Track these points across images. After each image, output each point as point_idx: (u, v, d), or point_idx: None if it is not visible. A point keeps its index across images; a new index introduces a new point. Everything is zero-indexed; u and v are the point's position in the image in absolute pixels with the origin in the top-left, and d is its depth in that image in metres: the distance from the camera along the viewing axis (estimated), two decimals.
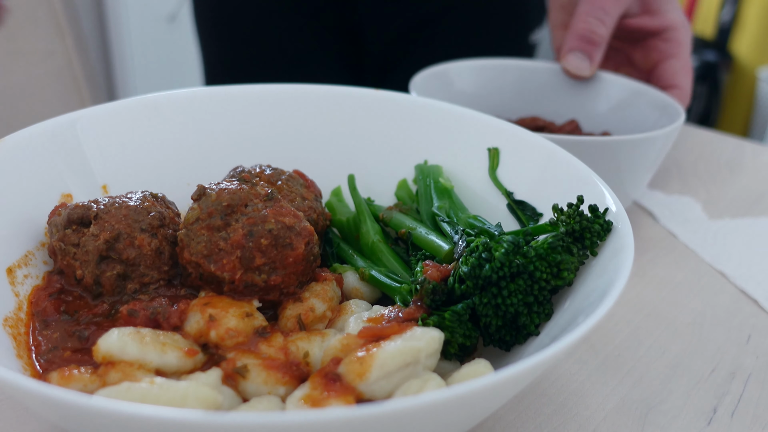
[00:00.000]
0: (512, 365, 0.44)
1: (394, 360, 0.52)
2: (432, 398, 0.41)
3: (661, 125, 0.97)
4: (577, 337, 0.46)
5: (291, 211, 0.62)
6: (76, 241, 0.62)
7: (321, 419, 0.39)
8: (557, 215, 0.63)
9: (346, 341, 0.55)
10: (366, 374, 0.51)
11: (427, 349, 0.54)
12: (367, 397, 0.52)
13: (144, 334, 0.55)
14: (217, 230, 0.60)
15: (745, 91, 3.43)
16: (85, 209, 0.63)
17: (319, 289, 0.63)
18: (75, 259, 0.62)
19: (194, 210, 0.62)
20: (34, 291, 0.62)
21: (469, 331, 0.59)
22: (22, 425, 0.59)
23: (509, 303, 0.58)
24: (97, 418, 0.41)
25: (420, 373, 0.54)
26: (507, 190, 0.74)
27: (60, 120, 0.71)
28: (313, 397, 0.51)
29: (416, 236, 0.70)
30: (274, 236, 0.60)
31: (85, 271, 0.61)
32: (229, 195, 0.61)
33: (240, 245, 0.59)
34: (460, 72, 1.10)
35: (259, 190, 0.63)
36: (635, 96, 1.06)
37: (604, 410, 0.66)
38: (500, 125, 0.77)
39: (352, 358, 0.53)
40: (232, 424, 0.39)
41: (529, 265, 0.58)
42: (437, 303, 0.60)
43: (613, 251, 0.59)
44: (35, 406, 0.46)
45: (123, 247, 0.62)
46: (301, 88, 0.83)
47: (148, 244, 0.62)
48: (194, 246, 0.60)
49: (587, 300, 0.56)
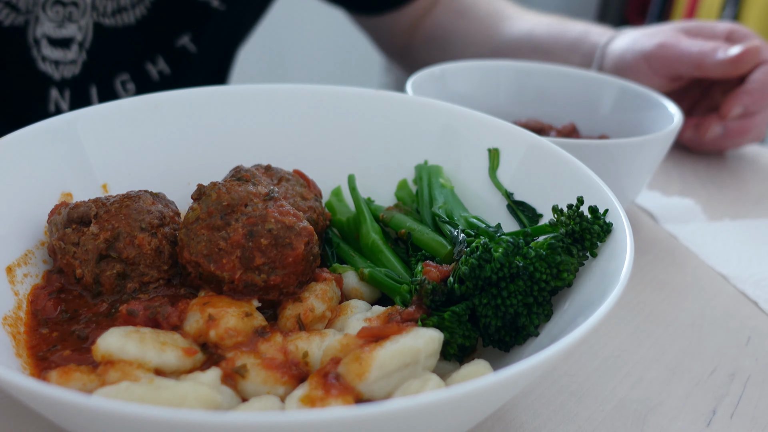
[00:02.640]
0: (512, 366, 0.44)
1: (393, 360, 0.52)
2: (432, 398, 0.41)
3: (658, 128, 0.97)
4: (576, 339, 0.46)
5: (291, 211, 0.62)
6: (75, 240, 0.62)
7: (321, 419, 0.39)
8: (557, 216, 0.63)
9: (346, 341, 0.55)
10: (365, 374, 0.51)
11: (426, 350, 0.54)
12: (367, 397, 0.52)
13: (143, 333, 0.55)
14: (217, 230, 0.60)
15: None
16: (86, 208, 0.63)
17: (319, 289, 0.63)
18: (75, 258, 0.62)
19: (194, 210, 0.62)
20: (33, 290, 0.62)
21: (468, 331, 0.59)
22: (22, 425, 0.59)
23: (509, 304, 0.58)
24: (95, 418, 0.41)
25: (419, 373, 0.54)
26: (507, 191, 0.74)
27: (61, 119, 0.71)
28: (313, 396, 0.51)
29: (416, 236, 0.70)
30: (274, 236, 0.60)
31: (84, 270, 0.61)
32: (229, 195, 0.61)
33: (240, 245, 0.59)
34: (457, 73, 1.10)
35: (260, 189, 0.63)
36: (632, 98, 1.06)
37: (603, 411, 0.66)
38: (501, 125, 0.77)
39: (351, 358, 0.53)
40: (232, 423, 0.39)
41: (529, 266, 0.58)
42: (437, 303, 0.60)
43: (613, 253, 0.59)
44: (35, 405, 0.46)
45: (123, 246, 0.62)
46: (302, 88, 0.83)
47: (148, 243, 0.62)
48: (194, 246, 0.60)
49: (587, 301, 0.56)
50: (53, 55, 1.09)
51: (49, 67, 1.10)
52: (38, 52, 1.08)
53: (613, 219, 0.61)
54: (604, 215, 0.61)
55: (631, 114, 1.06)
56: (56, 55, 1.09)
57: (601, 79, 1.10)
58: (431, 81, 1.05)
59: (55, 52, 1.09)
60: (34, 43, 1.07)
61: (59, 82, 1.12)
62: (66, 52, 1.09)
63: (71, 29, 1.09)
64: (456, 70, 1.10)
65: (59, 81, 1.12)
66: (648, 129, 1.00)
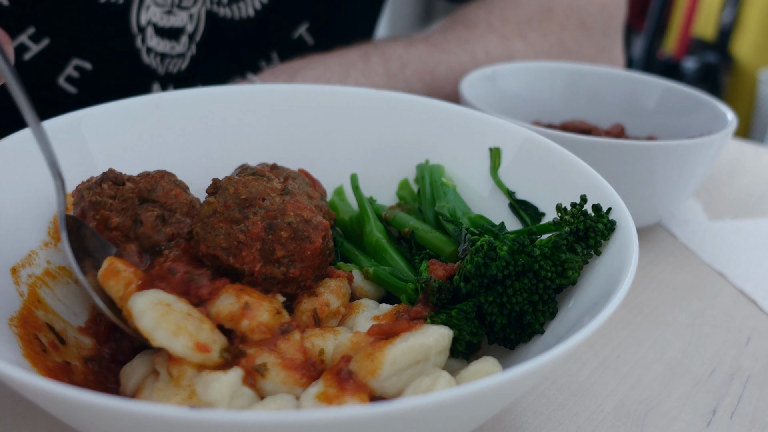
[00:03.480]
0: (528, 361, 0.44)
1: (404, 357, 0.53)
2: (452, 394, 0.41)
3: (709, 131, 0.94)
4: (591, 331, 0.47)
5: (307, 206, 0.63)
6: (113, 194, 0.63)
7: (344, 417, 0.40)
8: (561, 215, 0.63)
9: (356, 339, 0.56)
10: (377, 371, 0.52)
11: (436, 347, 0.55)
12: (378, 394, 0.53)
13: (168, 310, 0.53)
14: (235, 223, 0.60)
15: (746, 92, 3.43)
16: (118, 173, 0.65)
17: (334, 284, 0.63)
18: (110, 210, 0.62)
19: (211, 203, 0.62)
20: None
21: (475, 328, 0.60)
22: (22, 425, 0.59)
23: (514, 301, 0.58)
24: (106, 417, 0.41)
25: (430, 370, 0.54)
26: (509, 190, 0.74)
27: (63, 119, 0.71)
28: (328, 394, 0.51)
29: (420, 235, 0.70)
30: (294, 229, 0.60)
31: (123, 217, 0.62)
32: (247, 188, 0.62)
33: (260, 238, 0.59)
34: (508, 74, 1.10)
35: (275, 184, 0.64)
36: (687, 103, 1.05)
37: (603, 411, 0.66)
38: (501, 125, 0.77)
39: (363, 356, 0.53)
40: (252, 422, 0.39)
41: (534, 264, 0.58)
42: (443, 301, 0.61)
43: (617, 250, 0.59)
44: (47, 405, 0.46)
45: (161, 194, 0.63)
46: (304, 88, 0.83)
47: (183, 194, 0.65)
48: (211, 239, 0.60)
49: (592, 299, 0.56)
50: (159, 47, 0.99)
51: (153, 60, 1.00)
52: (143, 42, 0.97)
53: (617, 217, 0.61)
54: (608, 213, 0.61)
55: (685, 117, 1.04)
56: (163, 47, 0.99)
57: (656, 82, 1.09)
58: (483, 81, 1.05)
59: (161, 44, 0.98)
60: (139, 32, 0.96)
61: (163, 77, 1.02)
62: (174, 45, 0.99)
63: (181, 18, 0.97)
64: (507, 71, 1.10)
65: (163, 76, 1.02)
66: (699, 132, 0.99)
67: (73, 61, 0.98)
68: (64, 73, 0.98)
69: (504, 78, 1.10)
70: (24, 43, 0.95)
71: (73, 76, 0.99)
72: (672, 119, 1.06)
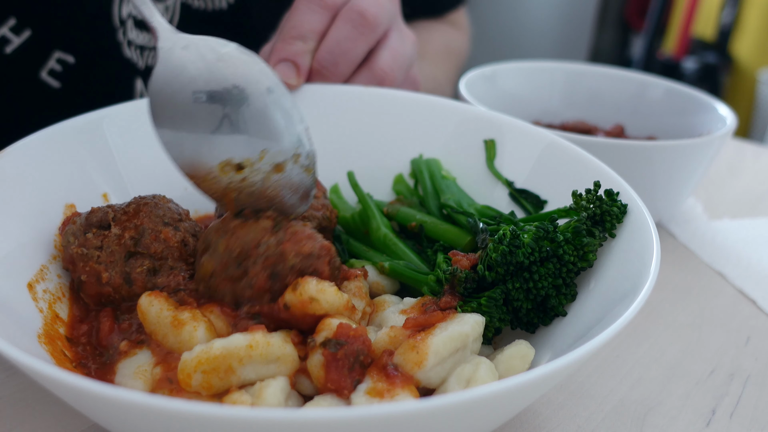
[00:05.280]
0: (584, 344, 0.46)
1: (446, 346, 0.54)
2: (521, 380, 0.43)
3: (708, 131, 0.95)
4: (640, 307, 0.50)
5: (304, 235, 0.59)
6: (98, 244, 0.60)
7: (430, 407, 0.40)
8: (576, 200, 0.65)
9: (394, 333, 0.56)
10: (423, 362, 0.53)
11: (473, 334, 0.56)
12: (423, 385, 0.54)
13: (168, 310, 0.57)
14: (237, 280, 0.58)
15: (746, 92, 3.43)
16: (103, 213, 0.62)
17: (353, 287, 0.63)
18: (99, 263, 0.60)
19: (206, 265, 0.60)
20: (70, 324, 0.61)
21: (503, 314, 0.62)
22: (23, 424, 0.59)
23: (540, 286, 0.61)
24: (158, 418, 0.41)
25: (468, 357, 0.56)
26: (507, 180, 0.75)
27: (85, 118, 0.72)
28: (378, 389, 0.52)
29: (429, 228, 0.71)
30: (298, 270, 0.58)
31: (112, 272, 0.60)
32: (238, 240, 0.59)
33: (266, 289, 0.57)
34: (508, 73, 1.10)
35: (264, 223, 0.60)
36: (687, 103, 1.05)
37: (602, 411, 0.66)
38: (492, 117, 0.78)
39: (406, 348, 0.54)
40: (317, 420, 0.39)
41: (558, 249, 0.61)
42: (469, 290, 0.63)
43: (632, 232, 0.61)
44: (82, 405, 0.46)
45: (149, 242, 0.61)
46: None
47: (173, 236, 0.62)
48: (220, 299, 0.59)
49: (615, 279, 0.59)
50: (138, 40, 0.97)
51: (134, 53, 0.98)
52: (124, 35, 0.95)
53: (627, 200, 0.64)
54: (617, 197, 0.64)
55: (685, 117, 1.05)
56: (141, 40, 0.97)
57: (649, 81, 1.09)
58: (482, 81, 1.05)
59: (140, 36, 0.97)
60: (120, 25, 0.95)
61: (143, 71, 1.01)
62: (150, 36, 0.96)
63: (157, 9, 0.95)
64: (507, 71, 1.10)
65: (143, 70, 1.01)
66: (698, 133, 0.99)
67: (55, 54, 0.97)
68: (46, 67, 0.97)
69: (504, 78, 1.10)
70: (5, 36, 0.94)
71: (56, 70, 0.98)
72: (672, 119, 1.06)
